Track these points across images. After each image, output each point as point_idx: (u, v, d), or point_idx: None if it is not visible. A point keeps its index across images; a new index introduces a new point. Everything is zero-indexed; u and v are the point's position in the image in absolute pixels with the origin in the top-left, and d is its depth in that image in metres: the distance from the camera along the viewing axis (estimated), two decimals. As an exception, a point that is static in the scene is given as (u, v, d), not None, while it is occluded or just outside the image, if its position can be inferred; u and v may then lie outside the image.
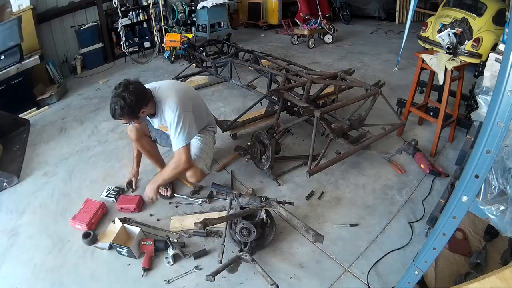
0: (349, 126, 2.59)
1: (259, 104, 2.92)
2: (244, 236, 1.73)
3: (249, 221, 1.76)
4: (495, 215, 1.27)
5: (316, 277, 1.72)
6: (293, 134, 3.00)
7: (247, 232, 1.73)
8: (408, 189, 2.31)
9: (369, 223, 2.04)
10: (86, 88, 4.50)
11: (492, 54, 1.98)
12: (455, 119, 2.72)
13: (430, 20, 4.95)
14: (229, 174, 2.50)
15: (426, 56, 2.59)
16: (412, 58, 4.52)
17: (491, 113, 0.80)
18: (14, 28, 3.64)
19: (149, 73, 4.90)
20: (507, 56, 0.73)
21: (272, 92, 2.68)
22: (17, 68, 3.66)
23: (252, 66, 3.87)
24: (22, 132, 3.30)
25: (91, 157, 2.85)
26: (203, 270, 1.76)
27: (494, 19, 4.29)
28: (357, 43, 6.07)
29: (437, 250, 1.06)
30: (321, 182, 2.39)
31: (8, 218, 2.23)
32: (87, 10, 5.27)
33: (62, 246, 1.95)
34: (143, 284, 1.71)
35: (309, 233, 1.65)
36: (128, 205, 2.16)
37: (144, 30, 6.06)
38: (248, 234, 1.73)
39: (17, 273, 1.82)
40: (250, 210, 1.82)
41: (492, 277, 0.98)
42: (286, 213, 1.80)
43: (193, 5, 6.47)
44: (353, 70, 3.18)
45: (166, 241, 1.83)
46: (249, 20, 7.64)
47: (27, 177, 2.64)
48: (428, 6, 6.90)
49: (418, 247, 1.80)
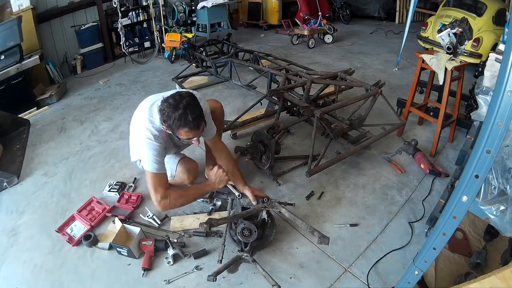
0: (349, 126, 2.59)
1: (259, 104, 2.92)
2: (245, 237, 1.73)
3: (250, 222, 1.76)
4: (495, 215, 1.27)
5: (316, 277, 1.72)
6: (293, 134, 3.00)
7: (248, 233, 1.73)
8: (408, 189, 2.31)
9: (369, 223, 2.04)
10: (86, 88, 4.51)
11: (492, 54, 1.98)
12: (455, 119, 2.72)
13: (430, 20, 4.96)
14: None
15: (426, 56, 2.59)
16: (412, 58, 4.52)
17: (491, 113, 0.80)
18: (14, 28, 3.65)
19: (149, 73, 4.90)
20: (507, 56, 0.73)
21: (272, 92, 2.68)
22: (17, 68, 3.67)
23: (252, 66, 3.87)
24: (22, 132, 3.30)
25: (91, 157, 2.85)
26: (203, 270, 1.76)
27: (494, 19, 4.29)
28: (357, 43, 6.06)
29: (437, 250, 1.06)
30: (321, 182, 2.39)
31: (8, 218, 2.23)
32: (87, 10, 5.28)
33: (62, 246, 1.95)
34: (143, 284, 1.71)
35: (315, 234, 1.64)
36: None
37: (144, 30, 6.06)
38: (249, 235, 1.73)
39: (17, 273, 1.82)
40: (253, 211, 1.82)
41: (492, 277, 0.98)
42: (289, 214, 1.79)
43: (193, 5, 6.46)
44: (353, 70, 3.18)
45: (166, 241, 1.83)
46: (249, 20, 7.64)
47: (27, 177, 2.64)
48: (428, 6, 6.90)
49: (418, 247, 1.81)
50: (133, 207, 2.17)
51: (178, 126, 1.58)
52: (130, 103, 3.83)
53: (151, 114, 1.75)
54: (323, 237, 1.60)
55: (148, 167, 1.68)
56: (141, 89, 4.27)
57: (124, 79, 4.72)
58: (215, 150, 2.07)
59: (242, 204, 1.91)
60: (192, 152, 2.64)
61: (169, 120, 1.58)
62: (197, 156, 2.69)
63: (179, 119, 1.56)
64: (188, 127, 1.59)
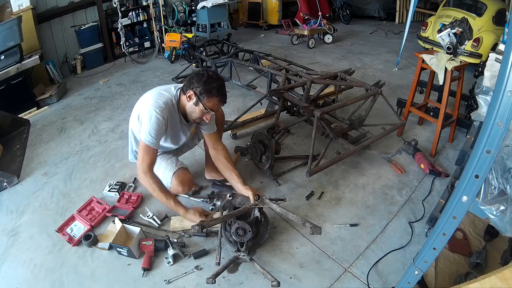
0: (349, 126, 2.59)
1: (259, 104, 2.92)
2: (239, 236, 1.73)
3: (244, 221, 1.77)
4: (495, 215, 1.28)
5: (316, 277, 1.72)
6: (293, 134, 3.00)
7: (242, 232, 1.73)
8: (408, 189, 2.31)
9: (369, 223, 2.04)
10: (86, 88, 4.51)
11: (492, 54, 1.99)
12: (455, 119, 2.72)
13: (430, 20, 4.96)
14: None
15: (426, 56, 2.59)
16: (412, 58, 4.53)
17: (491, 113, 0.80)
18: (14, 28, 3.65)
19: (149, 73, 4.90)
20: (507, 56, 0.73)
21: (272, 92, 2.68)
22: (17, 68, 3.67)
23: (252, 66, 3.87)
24: (22, 132, 3.30)
25: (91, 157, 2.85)
26: (203, 270, 1.76)
27: (494, 19, 4.29)
28: (357, 43, 6.07)
29: (437, 250, 1.06)
30: (321, 182, 2.39)
31: (8, 218, 2.23)
32: (87, 10, 5.28)
33: (62, 246, 1.95)
34: (143, 284, 1.71)
35: (306, 225, 1.66)
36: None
37: (144, 30, 6.06)
38: (243, 234, 1.73)
39: (17, 273, 1.82)
40: (244, 209, 1.83)
41: (492, 277, 0.98)
42: (280, 209, 1.80)
43: (193, 5, 6.47)
44: (353, 70, 3.18)
45: (166, 241, 1.83)
46: (249, 20, 7.64)
47: (27, 177, 2.64)
48: (428, 6, 6.92)
49: (418, 247, 1.81)
50: (133, 207, 2.17)
51: (213, 94, 1.76)
52: (130, 103, 3.82)
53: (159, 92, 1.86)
54: (315, 227, 1.62)
55: (143, 137, 1.77)
56: (141, 89, 4.27)
57: (124, 79, 4.72)
58: (215, 149, 2.11)
59: (233, 204, 1.91)
60: (192, 153, 2.64)
61: (206, 86, 1.75)
62: (196, 157, 2.69)
63: (218, 88, 1.77)
64: (221, 98, 1.80)
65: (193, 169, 2.48)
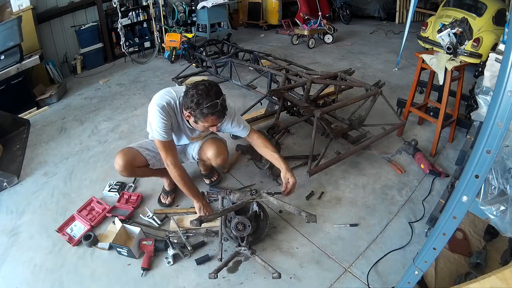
0: (349, 126, 2.59)
1: (259, 104, 2.92)
2: (239, 231, 1.75)
3: (243, 216, 1.78)
4: (495, 215, 1.28)
5: (316, 277, 1.72)
6: (293, 134, 3.00)
7: (242, 227, 1.75)
8: (408, 189, 2.31)
9: (369, 223, 2.04)
10: (86, 88, 4.50)
11: (492, 54, 1.99)
12: (455, 119, 2.72)
13: (430, 20, 4.95)
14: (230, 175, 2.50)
15: (426, 56, 2.58)
16: (412, 58, 4.53)
17: (491, 113, 0.80)
18: (14, 28, 3.64)
19: (149, 73, 4.90)
20: (507, 56, 0.73)
21: (272, 92, 2.68)
22: (17, 68, 3.66)
23: (252, 66, 3.87)
24: (22, 132, 3.30)
25: (91, 157, 2.85)
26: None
27: (494, 19, 4.29)
28: (357, 43, 6.07)
29: (437, 250, 1.06)
30: (321, 182, 2.39)
31: (8, 218, 2.23)
32: (87, 10, 5.27)
33: (62, 246, 1.95)
34: (143, 284, 1.71)
35: (302, 214, 1.70)
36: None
37: (144, 30, 6.06)
38: (243, 228, 1.75)
39: (17, 273, 1.82)
40: (242, 204, 1.84)
41: (492, 277, 0.98)
42: (277, 201, 1.82)
43: (193, 5, 6.46)
44: (353, 70, 3.18)
45: (166, 241, 1.83)
46: (249, 20, 7.64)
47: (27, 177, 2.64)
48: (428, 6, 6.91)
49: (418, 247, 1.81)
50: (133, 207, 2.17)
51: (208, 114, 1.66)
52: (130, 103, 3.82)
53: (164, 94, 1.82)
54: (310, 215, 1.66)
55: (154, 134, 1.79)
56: (141, 89, 4.27)
57: (124, 79, 4.72)
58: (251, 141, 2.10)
59: (232, 200, 1.92)
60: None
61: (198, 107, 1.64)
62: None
63: (211, 107, 1.63)
64: (217, 115, 1.68)
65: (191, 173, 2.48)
